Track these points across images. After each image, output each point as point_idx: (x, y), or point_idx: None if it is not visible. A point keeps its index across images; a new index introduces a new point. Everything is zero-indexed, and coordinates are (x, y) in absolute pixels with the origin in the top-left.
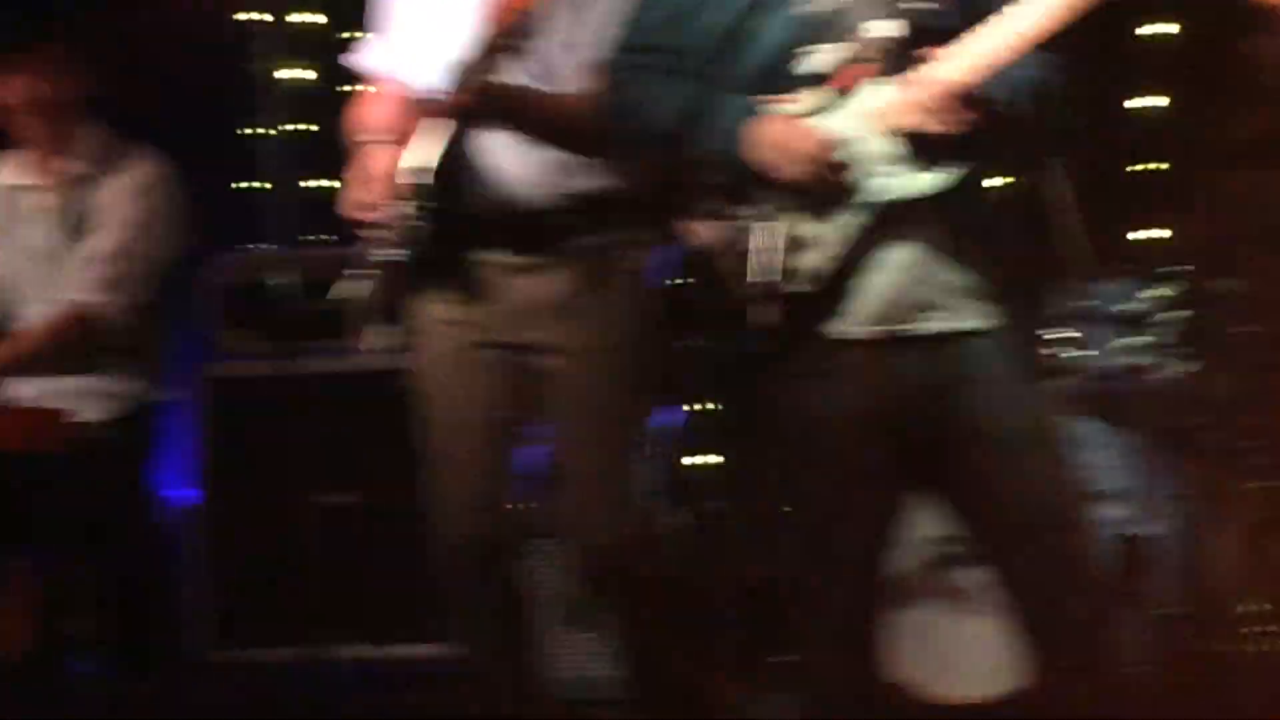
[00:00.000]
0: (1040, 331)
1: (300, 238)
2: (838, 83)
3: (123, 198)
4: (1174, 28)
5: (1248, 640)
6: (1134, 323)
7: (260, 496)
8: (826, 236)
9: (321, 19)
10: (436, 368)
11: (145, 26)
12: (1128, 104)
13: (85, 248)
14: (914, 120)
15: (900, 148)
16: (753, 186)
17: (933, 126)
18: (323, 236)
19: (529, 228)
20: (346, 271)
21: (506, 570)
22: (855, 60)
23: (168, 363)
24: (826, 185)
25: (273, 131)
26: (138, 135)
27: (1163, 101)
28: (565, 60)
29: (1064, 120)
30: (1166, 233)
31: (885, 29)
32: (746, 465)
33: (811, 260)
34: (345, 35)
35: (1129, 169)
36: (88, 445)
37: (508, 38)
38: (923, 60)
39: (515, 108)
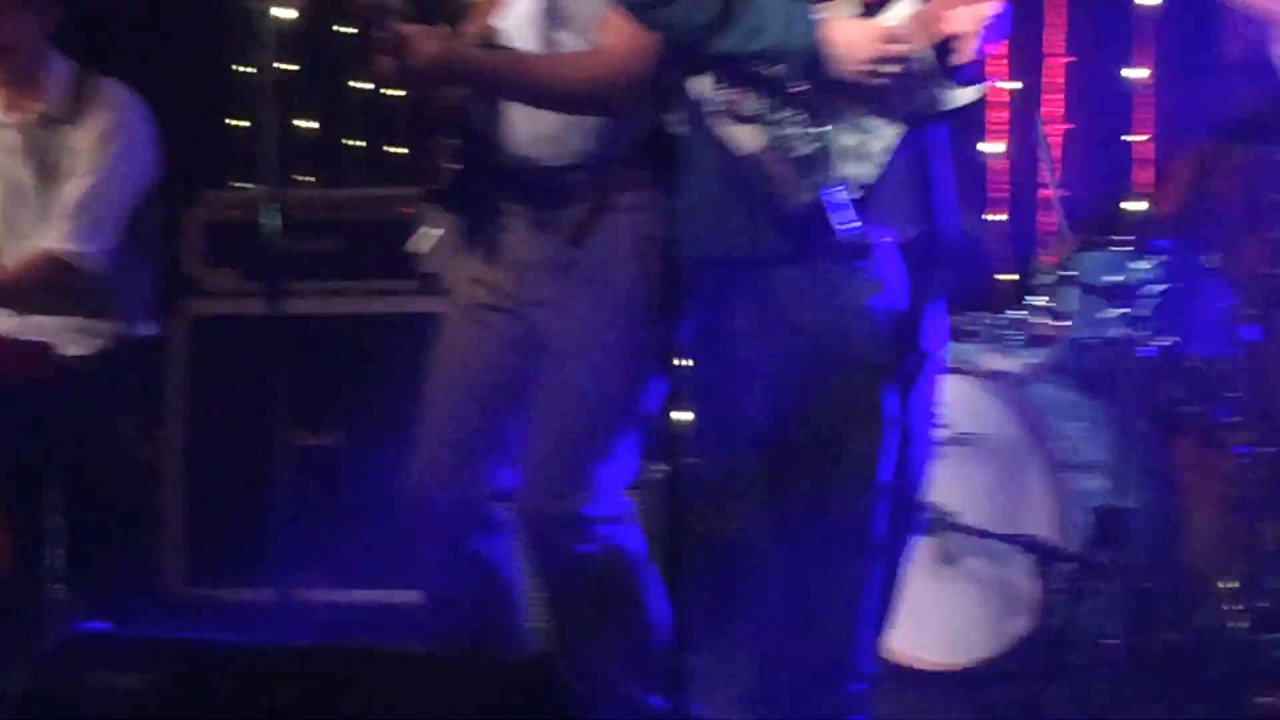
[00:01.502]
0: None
1: (285, 177)
2: None
3: (95, 140)
4: None
5: (1226, 617)
6: (1115, 294)
7: (237, 436)
8: (872, 147)
9: None
10: (450, 319)
11: None
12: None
13: (60, 194)
14: (955, 29)
15: (933, 61)
16: (810, 90)
17: (969, 37)
18: (306, 177)
19: (541, 183)
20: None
21: (474, 528)
22: None
23: (149, 299)
24: (892, 86)
25: (259, 69)
26: (124, 70)
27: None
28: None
29: None
30: (1148, 205)
31: None
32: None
33: (856, 170)
34: None
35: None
36: (68, 379)
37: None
38: None
39: (487, 79)
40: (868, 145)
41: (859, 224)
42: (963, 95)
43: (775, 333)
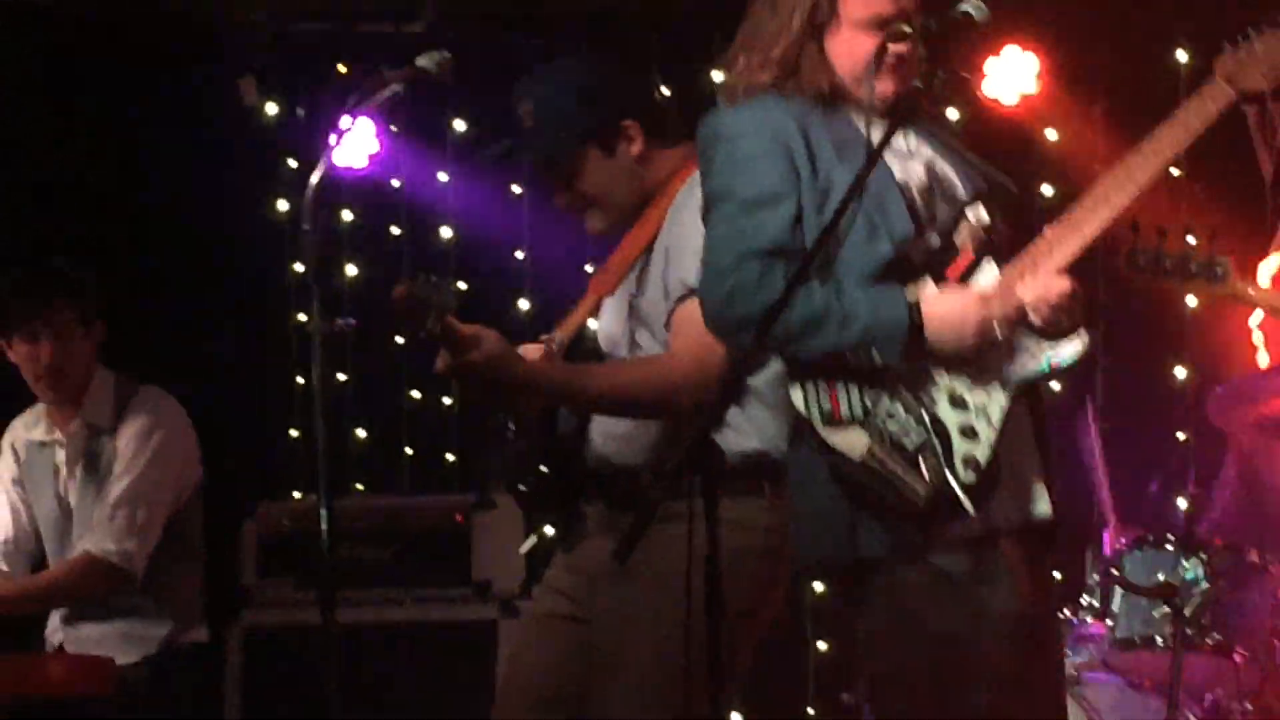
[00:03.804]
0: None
1: (338, 487)
2: (953, 269)
3: (134, 443)
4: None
5: None
6: (1161, 593)
7: None
8: (980, 424)
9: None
10: (525, 628)
11: (196, 276)
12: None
13: (102, 496)
14: (1044, 295)
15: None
16: (909, 378)
17: (1057, 299)
18: (358, 486)
19: (613, 483)
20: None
21: None
22: (963, 245)
23: (196, 605)
24: (997, 353)
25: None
26: (177, 383)
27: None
28: (658, 303)
29: None
30: (1191, 503)
31: (982, 215)
32: None
33: (969, 448)
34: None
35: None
36: (121, 688)
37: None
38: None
39: (537, 389)
40: (976, 423)
41: (981, 512)
42: (1064, 351)
43: (912, 642)
